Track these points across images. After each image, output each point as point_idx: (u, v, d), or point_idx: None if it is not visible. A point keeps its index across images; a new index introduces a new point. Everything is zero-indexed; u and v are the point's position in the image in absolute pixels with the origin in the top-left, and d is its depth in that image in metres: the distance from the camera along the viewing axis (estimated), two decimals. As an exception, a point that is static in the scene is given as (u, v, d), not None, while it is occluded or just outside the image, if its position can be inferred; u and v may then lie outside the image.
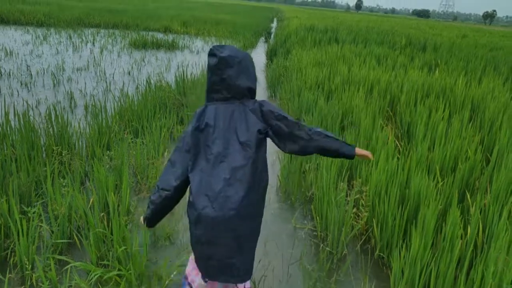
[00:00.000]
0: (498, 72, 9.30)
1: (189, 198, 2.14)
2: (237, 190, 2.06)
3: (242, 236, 2.12)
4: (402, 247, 2.85)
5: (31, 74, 8.36)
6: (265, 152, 2.18)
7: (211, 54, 2.16)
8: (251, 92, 2.22)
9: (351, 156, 2.29)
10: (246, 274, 2.20)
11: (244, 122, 2.16)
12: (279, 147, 2.24)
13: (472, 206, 3.24)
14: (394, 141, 4.48)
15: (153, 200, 2.17)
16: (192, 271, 2.39)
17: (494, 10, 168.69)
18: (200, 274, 2.26)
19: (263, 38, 20.82)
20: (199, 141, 2.16)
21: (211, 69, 2.16)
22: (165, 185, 2.16)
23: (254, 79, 2.24)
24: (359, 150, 2.29)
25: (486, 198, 3.31)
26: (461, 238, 2.99)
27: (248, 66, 2.20)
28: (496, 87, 6.98)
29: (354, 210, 3.46)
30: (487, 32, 34.38)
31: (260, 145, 2.16)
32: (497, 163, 3.86)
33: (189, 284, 2.39)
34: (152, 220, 2.24)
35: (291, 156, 4.56)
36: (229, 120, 2.15)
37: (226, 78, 2.13)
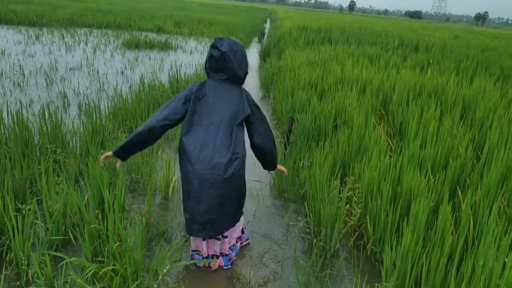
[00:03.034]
0: (489, 72, 9.39)
1: (182, 156, 2.59)
2: (223, 155, 2.50)
3: (224, 195, 2.57)
4: (394, 241, 2.89)
5: (23, 74, 8.33)
6: (244, 130, 2.71)
7: (214, 47, 2.62)
8: (245, 76, 2.76)
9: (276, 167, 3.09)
10: (224, 228, 2.71)
11: (239, 102, 2.66)
12: (248, 134, 2.78)
13: (463, 202, 3.29)
14: (387, 139, 4.53)
15: (135, 132, 2.61)
16: (194, 243, 2.86)
17: (486, 12, 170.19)
18: (200, 240, 2.79)
19: (256, 39, 20.87)
20: (197, 109, 2.61)
21: (214, 58, 2.62)
22: (145, 125, 2.58)
23: (247, 65, 2.76)
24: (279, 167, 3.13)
25: (477, 194, 3.36)
26: (452, 234, 3.04)
27: (243, 56, 2.71)
28: (487, 87, 7.06)
29: (347, 207, 3.50)
30: (479, 33, 34.66)
31: (243, 124, 2.68)
32: (488, 160, 3.92)
33: (197, 252, 2.88)
34: (122, 148, 2.66)
35: (284, 154, 4.60)
36: (226, 96, 2.64)
37: (227, 68, 2.63)
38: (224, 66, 2.61)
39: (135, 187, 4.01)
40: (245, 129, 2.77)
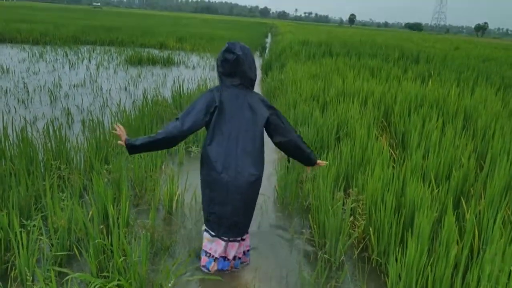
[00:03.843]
0: (490, 82, 9.43)
1: (206, 165, 2.68)
2: (245, 162, 2.64)
3: (248, 198, 2.73)
4: (398, 253, 2.88)
5: (28, 91, 8.41)
6: (263, 134, 2.78)
7: (229, 51, 2.66)
8: (255, 79, 2.82)
9: (314, 162, 3.08)
10: (245, 230, 2.90)
11: (256, 108, 2.73)
12: (269, 135, 2.87)
13: (467, 212, 3.28)
14: (389, 150, 4.54)
15: (154, 138, 2.62)
16: (210, 244, 2.88)
17: (486, 22, 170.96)
18: (220, 242, 2.84)
19: (258, 53, 21.00)
20: (218, 119, 2.65)
21: (229, 62, 2.67)
22: (166, 133, 2.60)
23: (256, 69, 2.82)
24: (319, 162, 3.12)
25: (481, 204, 3.36)
26: (457, 244, 3.03)
27: (252, 59, 2.78)
28: (488, 97, 7.08)
29: (351, 218, 3.50)
30: (479, 44, 34.82)
31: (262, 128, 2.76)
32: (491, 170, 3.92)
33: (211, 255, 2.90)
34: (136, 147, 2.69)
35: (287, 167, 4.61)
36: (242, 102, 2.71)
37: (241, 71, 2.69)
38: (238, 69, 2.67)
39: (139, 201, 4.02)
40: (264, 132, 2.84)
